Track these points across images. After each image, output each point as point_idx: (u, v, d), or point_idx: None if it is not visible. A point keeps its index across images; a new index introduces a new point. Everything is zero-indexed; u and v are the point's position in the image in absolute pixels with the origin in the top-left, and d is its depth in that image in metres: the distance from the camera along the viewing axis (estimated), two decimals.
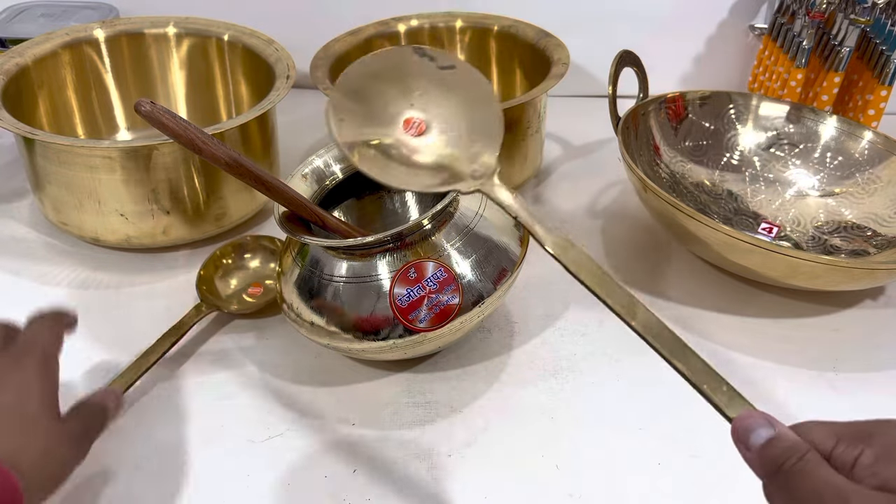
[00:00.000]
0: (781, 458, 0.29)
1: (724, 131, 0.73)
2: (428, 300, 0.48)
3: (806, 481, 0.28)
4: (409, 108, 0.41)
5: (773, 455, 0.29)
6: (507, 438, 0.50)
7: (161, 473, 0.48)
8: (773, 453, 0.29)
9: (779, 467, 0.28)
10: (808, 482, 0.28)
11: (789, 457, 0.28)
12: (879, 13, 0.74)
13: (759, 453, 0.29)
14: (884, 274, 0.57)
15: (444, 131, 0.41)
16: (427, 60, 0.41)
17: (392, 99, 0.41)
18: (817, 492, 0.27)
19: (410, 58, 0.42)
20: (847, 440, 0.29)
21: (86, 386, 0.53)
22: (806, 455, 0.28)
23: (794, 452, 0.28)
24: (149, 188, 0.61)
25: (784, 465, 0.28)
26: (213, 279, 0.61)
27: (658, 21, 0.87)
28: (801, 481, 0.28)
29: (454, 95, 0.42)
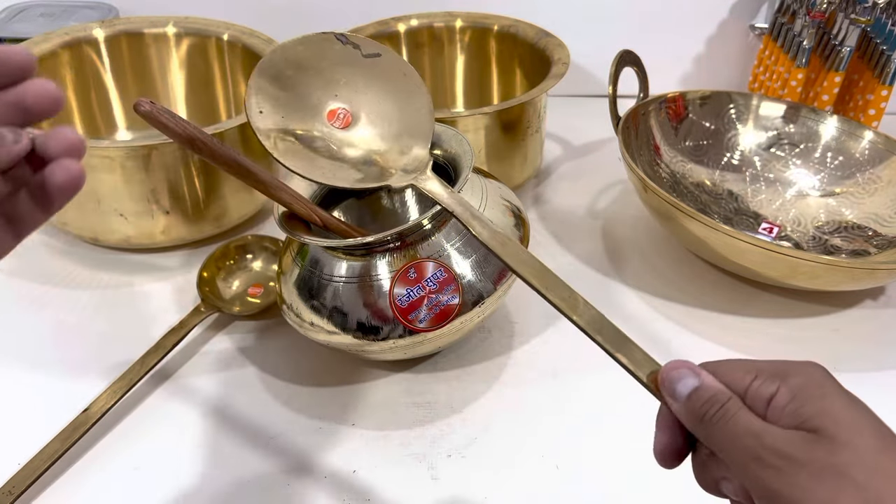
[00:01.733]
0: (703, 408, 0.29)
1: (725, 131, 0.73)
2: (428, 300, 0.48)
3: (725, 428, 0.28)
4: (334, 98, 0.39)
5: (696, 406, 0.30)
6: (507, 438, 0.50)
7: (161, 474, 0.48)
8: (697, 404, 0.30)
9: (701, 418, 0.29)
10: (727, 429, 0.28)
11: (710, 406, 0.29)
12: (880, 13, 0.74)
13: (685, 404, 0.30)
14: (884, 274, 0.57)
15: (372, 123, 0.39)
16: (351, 48, 0.38)
17: (316, 89, 0.38)
18: (736, 435, 0.28)
19: (333, 45, 0.39)
20: (764, 376, 0.29)
21: (86, 386, 0.53)
22: (726, 403, 0.29)
23: (716, 402, 0.29)
24: (148, 188, 0.61)
25: (705, 415, 0.29)
26: (216, 280, 0.61)
27: (658, 21, 0.87)
28: (721, 429, 0.28)
29: (381, 85, 0.39)
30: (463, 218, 0.36)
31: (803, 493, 0.26)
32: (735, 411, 0.29)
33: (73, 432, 0.49)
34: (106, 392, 0.51)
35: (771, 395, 0.29)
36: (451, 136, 0.54)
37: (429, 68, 0.83)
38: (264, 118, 0.36)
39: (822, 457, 0.26)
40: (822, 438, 0.26)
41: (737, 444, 0.28)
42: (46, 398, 0.53)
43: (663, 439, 0.32)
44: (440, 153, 0.55)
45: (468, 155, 0.51)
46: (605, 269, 0.66)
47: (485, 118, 0.66)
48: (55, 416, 0.50)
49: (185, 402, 0.53)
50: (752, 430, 0.28)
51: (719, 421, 0.29)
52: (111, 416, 0.51)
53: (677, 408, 0.31)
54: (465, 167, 0.50)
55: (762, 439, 0.27)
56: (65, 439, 0.48)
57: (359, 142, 0.38)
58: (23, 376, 0.55)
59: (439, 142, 0.55)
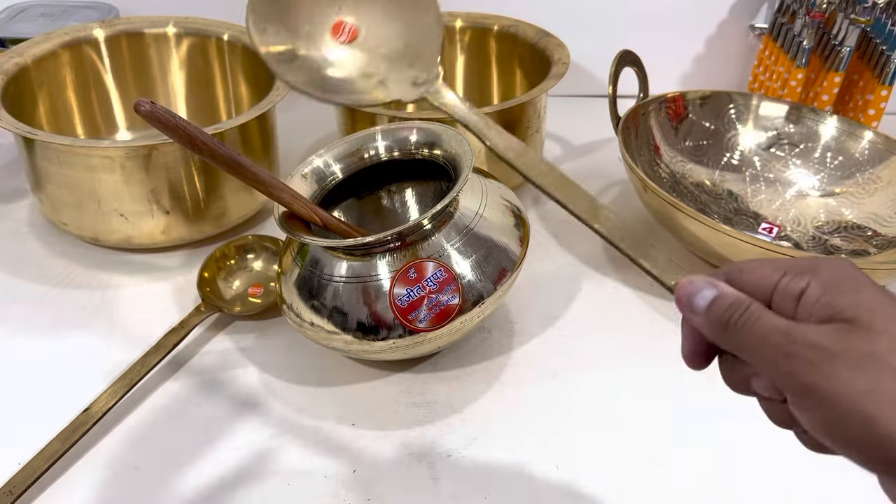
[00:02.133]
0: (725, 315, 0.28)
1: (725, 131, 0.73)
2: (428, 300, 0.48)
3: (751, 331, 0.28)
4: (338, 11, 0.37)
5: (717, 314, 0.29)
6: (507, 438, 0.50)
7: (161, 474, 0.48)
8: (718, 312, 0.29)
9: (725, 325, 0.28)
10: (753, 331, 0.28)
11: (733, 313, 0.28)
12: (880, 13, 0.74)
13: (706, 316, 0.29)
14: (884, 274, 0.57)
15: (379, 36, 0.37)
16: None
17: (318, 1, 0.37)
18: (764, 336, 0.27)
19: None
20: (793, 273, 0.29)
21: (85, 386, 0.53)
22: (749, 307, 0.28)
23: (738, 308, 0.28)
24: (148, 188, 0.61)
25: (729, 322, 0.28)
26: (216, 280, 0.61)
27: (658, 21, 0.87)
28: (747, 333, 0.28)
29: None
30: (477, 128, 0.36)
31: (841, 384, 0.25)
32: (759, 314, 0.28)
33: (73, 432, 0.49)
34: (106, 392, 0.51)
35: (801, 291, 0.28)
36: (451, 136, 0.54)
37: None
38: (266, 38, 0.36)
39: (859, 345, 0.25)
40: (857, 328, 0.26)
41: (766, 344, 0.27)
42: (46, 398, 0.53)
43: (689, 345, 0.31)
44: (440, 153, 0.55)
45: (468, 155, 0.51)
46: (605, 269, 0.66)
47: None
48: (55, 416, 0.50)
49: (186, 402, 0.53)
50: (781, 328, 0.27)
51: (744, 325, 0.28)
52: (112, 416, 0.51)
53: (699, 322, 0.30)
54: (465, 167, 0.50)
55: (792, 335, 0.27)
56: (65, 439, 0.48)
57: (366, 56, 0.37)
58: (23, 376, 0.55)
59: (439, 142, 0.55)
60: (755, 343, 0.27)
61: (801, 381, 0.26)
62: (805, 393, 0.26)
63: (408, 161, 0.57)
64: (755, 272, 0.30)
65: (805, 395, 0.26)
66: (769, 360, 0.27)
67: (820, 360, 0.26)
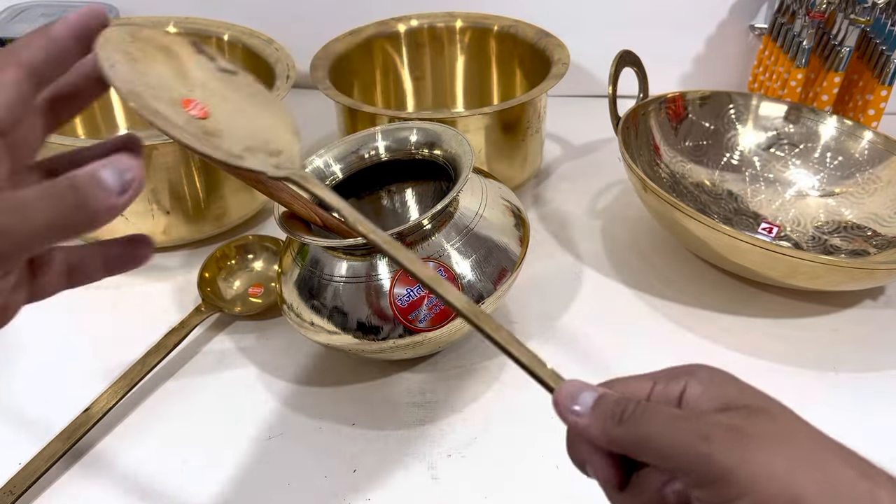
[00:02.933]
0: (618, 407, 0.27)
1: (724, 131, 0.73)
2: (428, 300, 0.48)
3: (654, 420, 0.26)
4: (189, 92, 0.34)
5: (609, 409, 0.27)
6: (507, 438, 0.50)
7: (162, 474, 0.48)
8: (608, 408, 0.27)
9: (620, 417, 0.27)
10: (656, 420, 0.26)
11: (626, 405, 0.27)
12: (879, 13, 0.74)
13: (594, 414, 0.27)
14: (884, 274, 0.57)
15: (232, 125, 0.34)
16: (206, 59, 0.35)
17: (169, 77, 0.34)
18: (670, 423, 0.26)
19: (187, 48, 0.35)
20: (665, 380, 0.28)
21: (86, 386, 0.53)
22: (641, 402, 0.27)
23: (627, 403, 0.27)
24: (149, 188, 0.61)
25: (624, 413, 0.27)
26: (217, 281, 0.61)
27: (658, 21, 0.87)
28: (649, 422, 0.26)
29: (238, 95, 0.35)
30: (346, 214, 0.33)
31: (762, 465, 0.24)
32: (655, 405, 0.27)
33: (73, 432, 0.49)
34: (107, 392, 0.51)
35: (681, 391, 0.27)
36: (451, 136, 0.54)
37: (429, 68, 0.83)
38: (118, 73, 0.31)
39: (767, 427, 0.25)
40: (758, 412, 0.25)
41: (676, 432, 0.25)
42: (47, 398, 0.53)
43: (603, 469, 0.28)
44: (440, 153, 0.55)
45: (468, 155, 0.51)
46: (605, 269, 0.66)
47: (485, 118, 0.66)
48: (56, 416, 0.50)
49: (186, 402, 0.53)
50: (684, 414, 0.26)
51: (643, 414, 0.26)
52: (112, 416, 0.51)
53: (585, 422, 0.28)
54: (465, 167, 0.50)
55: (701, 418, 0.25)
56: (66, 439, 0.48)
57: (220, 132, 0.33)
58: (23, 376, 0.55)
59: (439, 142, 0.55)
60: (662, 432, 0.26)
61: (720, 466, 0.24)
62: (724, 478, 0.24)
63: (408, 161, 0.57)
64: (627, 385, 0.29)
65: (724, 481, 0.24)
66: (682, 445, 0.25)
67: (738, 441, 0.24)
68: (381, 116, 0.65)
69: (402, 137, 0.57)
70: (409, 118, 0.63)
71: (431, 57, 0.82)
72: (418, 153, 0.56)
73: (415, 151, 0.56)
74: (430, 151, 0.55)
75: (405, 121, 0.58)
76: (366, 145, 0.57)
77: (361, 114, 0.66)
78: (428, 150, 0.55)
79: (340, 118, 0.70)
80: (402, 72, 0.83)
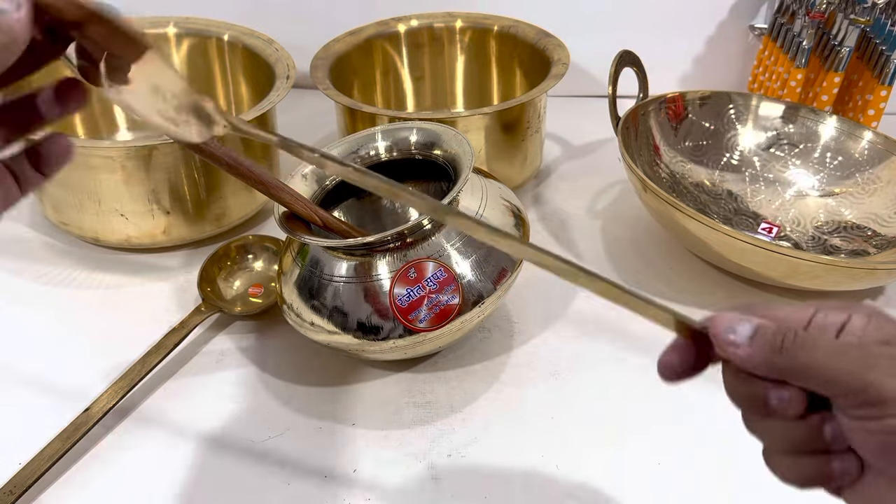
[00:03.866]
0: (778, 337, 0.27)
1: (724, 131, 0.73)
2: (428, 300, 0.48)
3: (815, 347, 0.26)
4: None
5: (768, 339, 0.27)
6: (507, 438, 0.50)
7: (162, 474, 0.48)
8: (768, 337, 0.27)
9: (780, 347, 0.27)
10: (818, 347, 0.26)
11: (786, 333, 0.27)
12: (879, 13, 0.74)
13: (753, 345, 0.27)
14: (884, 274, 0.57)
15: None
16: None
17: None
18: (834, 351, 0.26)
19: None
20: (827, 309, 0.28)
21: (86, 386, 0.53)
22: (800, 329, 0.27)
23: (788, 329, 0.27)
24: (149, 188, 0.61)
25: (784, 342, 0.27)
26: (217, 281, 0.61)
27: (658, 21, 0.87)
28: (811, 350, 0.26)
29: None
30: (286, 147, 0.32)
31: None
32: (816, 333, 0.27)
33: (73, 432, 0.49)
34: (107, 392, 0.51)
35: (843, 323, 0.27)
36: (451, 136, 0.54)
37: (429, 68, 0.83)
38: None
39: None
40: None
41: (840, 360, 0.26)
42: (47, 398, 0.53)
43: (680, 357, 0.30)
44: (440, 153, 0.55)
45: (468, 155, 0.51)
46: (605, 269, 0.66)
47: (485, 118, 0.66)
48: (56, 416, 0.50)
49: (186, 402, 0.53)
50: (847, 343, 0.26)
51: (804, 343, 0.27)
52: (112, 416, 0.51)
53: (743, 353, 0.28)
54: (465, 167, 0.50)
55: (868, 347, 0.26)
56: (66, 439, 0.48)
57: None
58: (23, 376, 0.55)
59: (439, 142, 0.55)
60: (826, 359, 0.26)
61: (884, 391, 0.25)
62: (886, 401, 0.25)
63: (408, 161, 0.57)
64: (783, 309, 0.29)
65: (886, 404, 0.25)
66: (847, 372, 0.26)
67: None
68: (381, 116, 0.65)
69: (401, 137, 0.57)
70: (409, 118, 0.63)
71: (431, 57, 0.82)
72: (418, 153, 0.56)
73: (415, 151, 0.56)
74: (430, 151, 0.55)
75: (405, 121, 0.58)
76: (366, 145, 0.57)
77: (361, 114, 0.66)
78: (428, 150, 0.55)
79: (340, 118, 0.70)
80: (402, 72, 0.83)
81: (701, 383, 0.38)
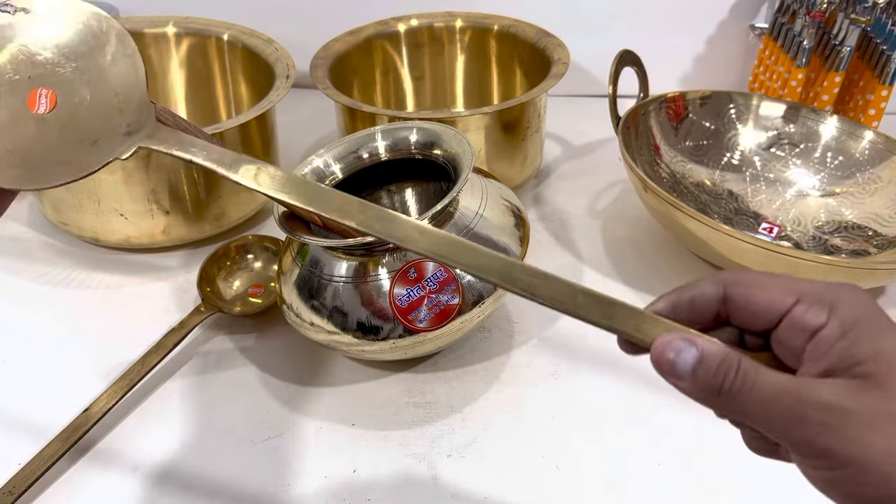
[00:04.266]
0: (716, 381, 0.26)
1: (725, 131, 0.73)
2: (428, 300, 0.48)
3: (751, 395, 0.25)
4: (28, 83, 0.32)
5: (706, 380, 0.26)
6: (507, 438, 0.50)
7: (161, 474, 0.48)
8: (706, 377, 0.26)
9: (718, 390, 0.26)
10: (753, 395, 0.25)
11: (725, 375, 0.26)
12: (880, 13, 0.74)
13: (695, 380, 0.26)
14: (884, 274, 0.57)
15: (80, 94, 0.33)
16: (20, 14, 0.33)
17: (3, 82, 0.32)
18: (768, 400, 0.25)
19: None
20: (809, 301, 0.26)
21: (86, 386, 0.53)
22: (741, 367, 0.26)
23: (729, 369, 0.26)
24: (148, 188, 0.61)
25: (722, 387, 0.26)
26: (216, 280, 0.61)
27: (658, 21, 0.87)
28: (746, 397, 0.25)
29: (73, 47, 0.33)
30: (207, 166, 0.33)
31: (859, 446, 0.24)
32: (755, 373, 0.26)
33: (73, 433, 0.49)
34: (106, 392, 0.51)
35: (818, 327, 0.26)
36: (451, 136, 0.54)
37: (429, 68, 0.83)
38: None
39: (875, 405, 0.24)
40: (871, 385, 0.24)
41: (772, 409, 0.25)
42: (46, 398, 0.53)
43: None
44: (440, 153, 0.55)
45: (468, 155, 0.51)
46: (605, 269, 0.66)
47: (485, 118, 0.66)
48: (55, 416, 0.50)
49: (186, 402, 0.53)
50: (786, 388, 0.25)
51: (742, 389, 0.25)
52: (111, 416, 0.51)
53: (685, 387, 0.27)
54: (465, 167, 0.50)
55: (802, 395, 0.25)
56: (65, 440, 0.48)
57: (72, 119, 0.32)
58: (23, 376, 0.55)
59: (439, 142, 0.55)
60: (758, 408, 0.25)
61: (816, 447, 0.25)
62: (819, 456, 0.25)
63: (408, 161, 0.57)
64: (766, 291, 0.27)
65: (819, 458, 0.25)
66: (778, 425, 0.25)
67: (835, 422, 0.24)
68: (381, 116, 0.65)
69: (401, 137, 0.57)
70: (409, 118, 0.63)
71: (431, 57, 0.82)
72: (418, 153, 0.56)
73: (415, 151, 0.56)
74: (430, 151, 0.55)
75: (405, 120, 0.58)
76: (365, 145, 0.57)
77: (361, 113, 0.66)
78: (428, 150, 0.55)
79: (340, 118, 0.70)
80: (402, 72, 0.82)
81: None
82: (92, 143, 0.32)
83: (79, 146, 0.32)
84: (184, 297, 0.61)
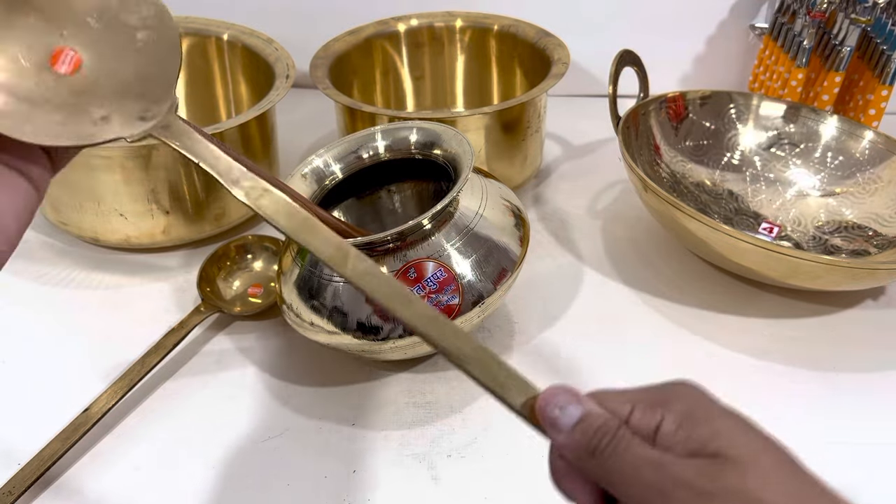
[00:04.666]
0: (594, 440, 0.27)
1: (725, 131, 0.73)
2: (428, 300, 0.48)
3: (621, 460, 0.26)
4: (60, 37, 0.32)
5: (586, 438, 0.27)
6: (507, 438, 0.50)
7: (161, 474, 0.48)
8: (586, 435, 0.27)
9: (592, 451, 0.27)
10: (623, 461, 0.26)
11: (602, 436, 0.27)
12: (880, 13, 0.74)
13: (571, 437, 0.27)
14: (885, 274, 0.57)
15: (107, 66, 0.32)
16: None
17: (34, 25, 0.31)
18: (635, 468, 0.26)
19: None
20: (643, 406, 0.27)
21: (86, 386, 0.53)
22: (617, 432, 0.27)
23: (607, 431, 0.27)
24: (148, 188, 0.61)
25: (597, 447, 0.27)
26: (216, 280, 0.61)
27: (658, 21, 0.87)
28: (617, 461, 0.26)
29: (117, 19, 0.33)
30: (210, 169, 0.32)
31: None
32: (629, 440, 0.27)
33: (73, 433, 0.49)
34: (106, 392, 0.51)
35: (657, 425, 0.27)
36: (451, 136, 0.54)
37: (429, 68, 0.83)
38: None
39: (731, 482, 0.25)
40: (725, 463, 0.25)
41: (637, 478, 0.26)
42: (46, 398, 0.53)
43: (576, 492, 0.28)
44: (440, 153, 0.55)
45: (468, 155, 0.51)
46: (605, 269, 0.66)
47: (485, 118, 0.66)
48: (55, 416, 0.50)
49: (186, 403, 0.53)
50: (652, 460, 0.26)
51: (614, 453, 0.26)
52: (111, 416, 0.51)
53: (562, 440, 0.28)
54: (465, 167, 0.50)
55: (665, 470, 0.25)
56: (65, 440, 0.48)
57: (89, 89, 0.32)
58: (23, 376, 0.55)
59: (439, 142, 0.55)
60: (625, 475, 0.26)
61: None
62: None
63: (408, 161, 0.57)
64: (609, 401, 0.28)
65: None
66: (640, 496, 0.26)
67: (695, 500, 0.25)
68: (381, 116, 0.65)
69: (401, 137, 0.57)
70: (409, 118, 0.63)
71: (431, 57, 0.82)
72: (418, 153, 0.56)
73: (415, 151, 0.56)
74: (430, 151, 0.55)
75: (405, 120, 0.58)
76: (365, 145, 0.57)
77: (361, 113, 0.66)
78: (428, 150, 0.55)
79: (340, 118, 0.70)
80: (402, 71, 0.82)
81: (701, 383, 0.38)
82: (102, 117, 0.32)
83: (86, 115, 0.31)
84: (184, 297, 0.61)
